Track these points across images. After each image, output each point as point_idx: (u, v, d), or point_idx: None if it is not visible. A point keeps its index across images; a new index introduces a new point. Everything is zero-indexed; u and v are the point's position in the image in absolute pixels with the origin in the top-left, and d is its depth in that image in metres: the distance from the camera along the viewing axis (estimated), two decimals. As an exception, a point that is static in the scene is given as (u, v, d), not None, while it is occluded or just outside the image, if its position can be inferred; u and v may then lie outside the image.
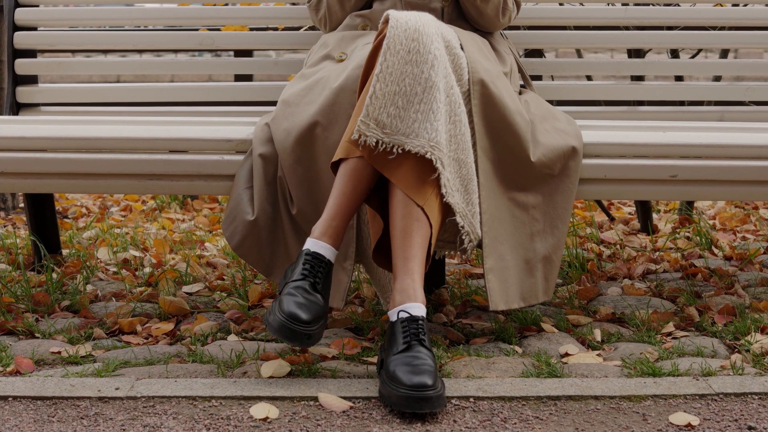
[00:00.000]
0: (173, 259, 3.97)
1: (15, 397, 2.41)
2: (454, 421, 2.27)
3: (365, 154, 2.51)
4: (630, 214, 5.13)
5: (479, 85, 2.70)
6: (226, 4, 3.73)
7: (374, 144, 2.49)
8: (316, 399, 2.39)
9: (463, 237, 2.63)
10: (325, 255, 2.55)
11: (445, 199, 2.54)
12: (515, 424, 2.27)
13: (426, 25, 2.58)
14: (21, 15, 3.60)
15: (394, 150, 2.49)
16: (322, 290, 2.52)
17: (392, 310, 2.48)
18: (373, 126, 2.49)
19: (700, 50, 4.36)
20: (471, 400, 2.40)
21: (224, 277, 3.63)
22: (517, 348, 2.81)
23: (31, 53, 3.66)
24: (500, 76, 2.83)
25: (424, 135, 2.49)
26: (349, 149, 2.55)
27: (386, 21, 2.61)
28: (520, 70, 3.20)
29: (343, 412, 2.33)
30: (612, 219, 4.82)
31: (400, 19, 2.56)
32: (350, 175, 2.56)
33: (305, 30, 3.68)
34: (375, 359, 2.67)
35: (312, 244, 2.56)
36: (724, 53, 4.48)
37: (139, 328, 3.01)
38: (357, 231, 2.75)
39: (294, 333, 2.43)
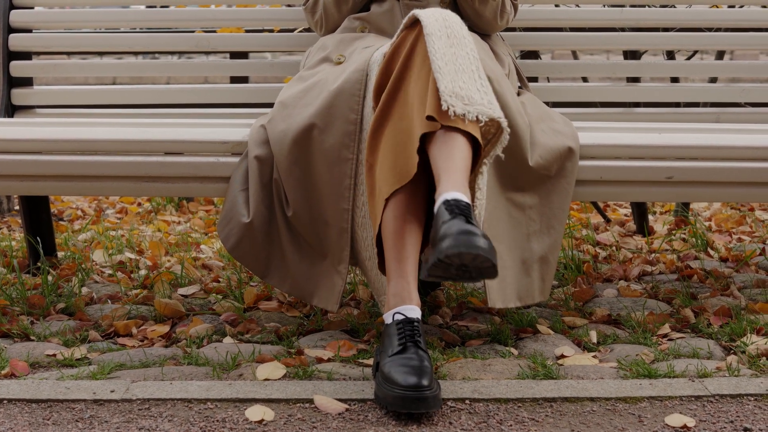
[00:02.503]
0: (169, 261, 3.97)
1: (10, 400, 2.41)
2: (450, 423, 2.27)
3: (453, 122, 2.44)
4: (626, 215, 5.13)
5: None
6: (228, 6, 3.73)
7: (462, 115, 2.43)
8: (311, 401, 2.39)
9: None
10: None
11: (479, 182, 2.54)
12: (511, 425, 2.27)
13: (448, 14, 2.59)
14: (16, 17, 3.60)
15: (481, 118, 2.44)
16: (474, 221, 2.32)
17: (387, 312, 2.48)
18: (455, 98, 2.45)
19: (695, 52, 4.36)
20: (467, 401, 2.40)
21: (220, 279, 3.63)
22: (512, 350, 2.81)
23: (26, 55, 3.66)
24: (503, 77, 2.83)
25: (497, 106, 2.48)
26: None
27: (410, 21, 2.60)
28: (517, 72, 3.20)
29: (339, 414, 2.32)
30: (608, 221, 4.82)
31: (427, 12, 2.58)
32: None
33: (300, 32, 3.67)
34: (370, 361, 2.67)
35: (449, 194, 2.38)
36: (720, 55, 4.48)
37: (134, 330, 3.01)
38: (351, 234, 2.74)
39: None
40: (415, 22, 2.59)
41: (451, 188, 2.36)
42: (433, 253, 2.22)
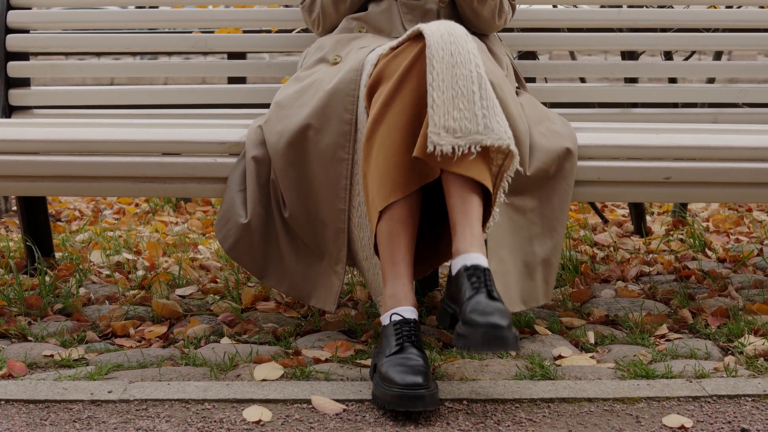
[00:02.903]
0: (166, 262, 3.97)
1: (7, 401, 2.41)
2: (447, 424, 2.27)
3: (442, 164, 2.49)
4: (623, 216, 5.13)
5: None
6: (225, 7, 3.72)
7: (451, 151, 2.47)
8: (309, 402, 2.39)
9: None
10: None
11: (499, 197, 2.58)
12: (508, 426, 2.27)
13: (454, 27, 2.58)
14: (13, 17, 3.60)
15: (473, 149, 2.47)
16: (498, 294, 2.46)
17: (384, 314, 2.48)
18: (444, 134, 2.46)
19: (693, 52, 4.36)
20: (464, 402, 2.40)
21: (217, 279, 3.63)
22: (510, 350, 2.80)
23: (23, 56, 3.65)
24: (505, 80, 2.82)
25: (498, 128, 2.47)
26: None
27: (415, 35, 2.60)
28: (515, 72, 3.19)
29: (336, 414, 2.32)
30: (605, 221, 4.82)
31: (432, 27, 2.56)
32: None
33: (298, 32, 3.67)
34: (368, 362, 2.67)
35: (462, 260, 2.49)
36: (718, 55, 4.48)
37: (131, 331, 3.00)
38: (348, 235, 2.74)
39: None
40: (419, 36, 2.60)
41: (468, 248, 2.44)
42: (464, 341, 2.31)
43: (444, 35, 2.53)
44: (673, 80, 4.20)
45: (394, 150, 2.53)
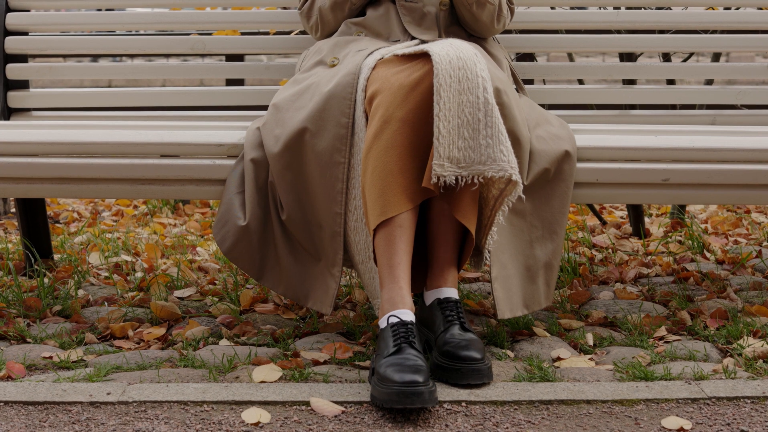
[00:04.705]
0: (165, 263, 3.97)
1: (6, 402, 2.41)
2: (446, 426, 2.27)
3: (444, 195, 2.59)
4: (622, 218, 5.13)
5: (495, 95, 2.67)
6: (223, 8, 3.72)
7: (454, 182, 2.51)
8: (307, 403, 2.39)
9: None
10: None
11: (498, 219, 2.64)
12: (507, 428, 2.27)
13: (462, 50, 2.58)
14: (12, 20, 3.59)
15: (475, 180, 2.51)
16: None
17: (382, 318, 2.48)
18: (448, 165, 2.49)
19: (691, 54, 4.37)
20: (463, 404, 2.40)
21: (216, 281, 3.63)
22: (509, 352, 2.80)
23: (22, 58, 3.65)
24: (510, 85, 2.82)
25: (501, 158, 2.49)
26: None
27: (422, 52, 2.62)
28: (513, 74, 3.19)
29: (335, 416, 2.32)
30: (604, 223, 4.82)
31: (441, 53, 2.56)
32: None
33: (296, 34, 3.67)
34: (367, 363, 2.67)
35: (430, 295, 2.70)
36: (716, 57, 4.48)
37: (130, 332, 3.00)
38: (344, 237, 2.74)
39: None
40: (426, 55, 2.60)
41: (443, 283, 2.68)
42: (441, 373, 2.53)
43: (453, 60, 2.54)
44: (671, 82, 4.20)
45: (389, 169, 2.55)
